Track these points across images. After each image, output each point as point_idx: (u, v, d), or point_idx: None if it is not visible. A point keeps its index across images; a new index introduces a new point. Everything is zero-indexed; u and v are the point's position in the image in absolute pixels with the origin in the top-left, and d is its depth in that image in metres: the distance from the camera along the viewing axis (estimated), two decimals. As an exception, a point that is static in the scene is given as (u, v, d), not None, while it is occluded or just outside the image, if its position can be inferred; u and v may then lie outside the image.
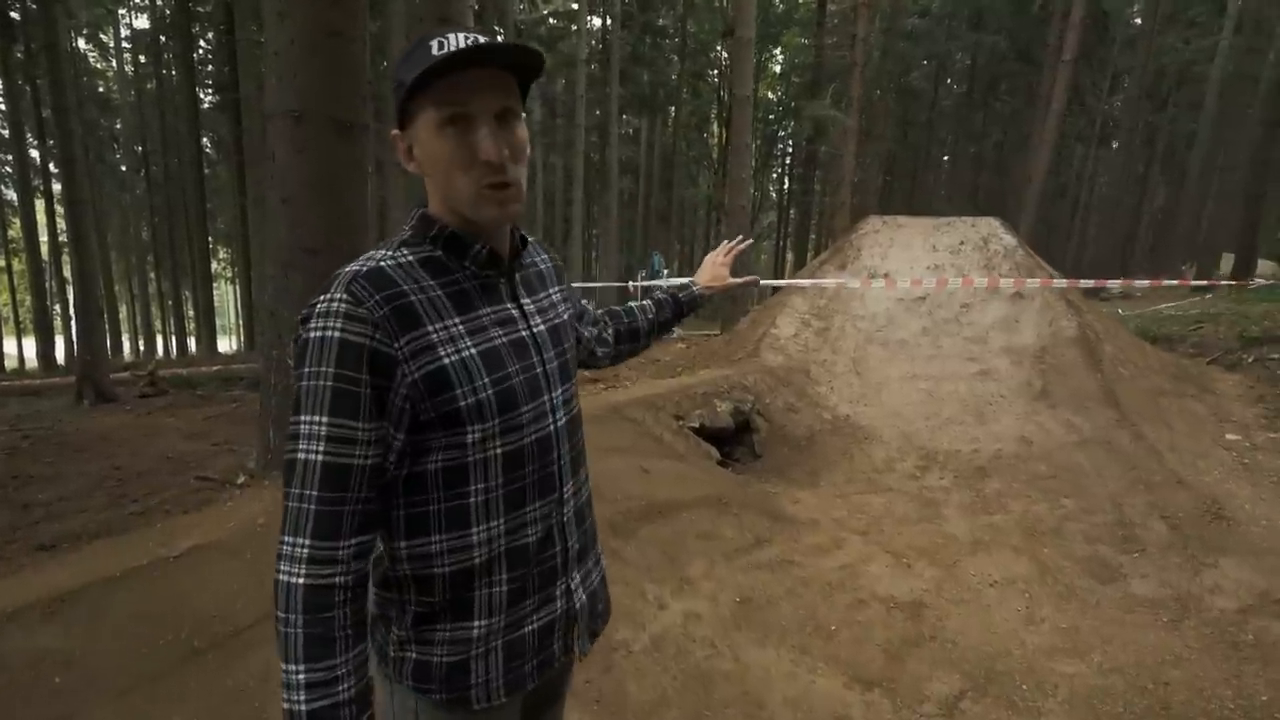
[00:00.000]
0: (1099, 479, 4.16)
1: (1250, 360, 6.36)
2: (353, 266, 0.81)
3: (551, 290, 1.02)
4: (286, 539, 0.77)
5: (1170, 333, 7.74)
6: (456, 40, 0.78)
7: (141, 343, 29.39)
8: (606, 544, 3.18)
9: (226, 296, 41.43)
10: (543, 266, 1.03)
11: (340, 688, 0.77)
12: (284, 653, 0.76)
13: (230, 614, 2.01)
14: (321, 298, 0.79)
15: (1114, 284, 6.83)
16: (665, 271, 18.31)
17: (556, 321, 0.98)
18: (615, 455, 3.89)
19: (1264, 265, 12.96)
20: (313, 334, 0.77)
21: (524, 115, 0.89)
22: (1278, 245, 11.75)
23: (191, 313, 25.57)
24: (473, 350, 0.83)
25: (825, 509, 4.11)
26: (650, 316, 1.35)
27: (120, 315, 29.73)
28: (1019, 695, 2.46)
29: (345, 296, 0.77)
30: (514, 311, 0.91)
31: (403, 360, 0.78)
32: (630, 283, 15.17)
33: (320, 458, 0.76)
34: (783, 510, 4.01)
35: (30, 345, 24.05)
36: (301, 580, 0.75)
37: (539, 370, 0.91)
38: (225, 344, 30.35)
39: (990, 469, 4.52)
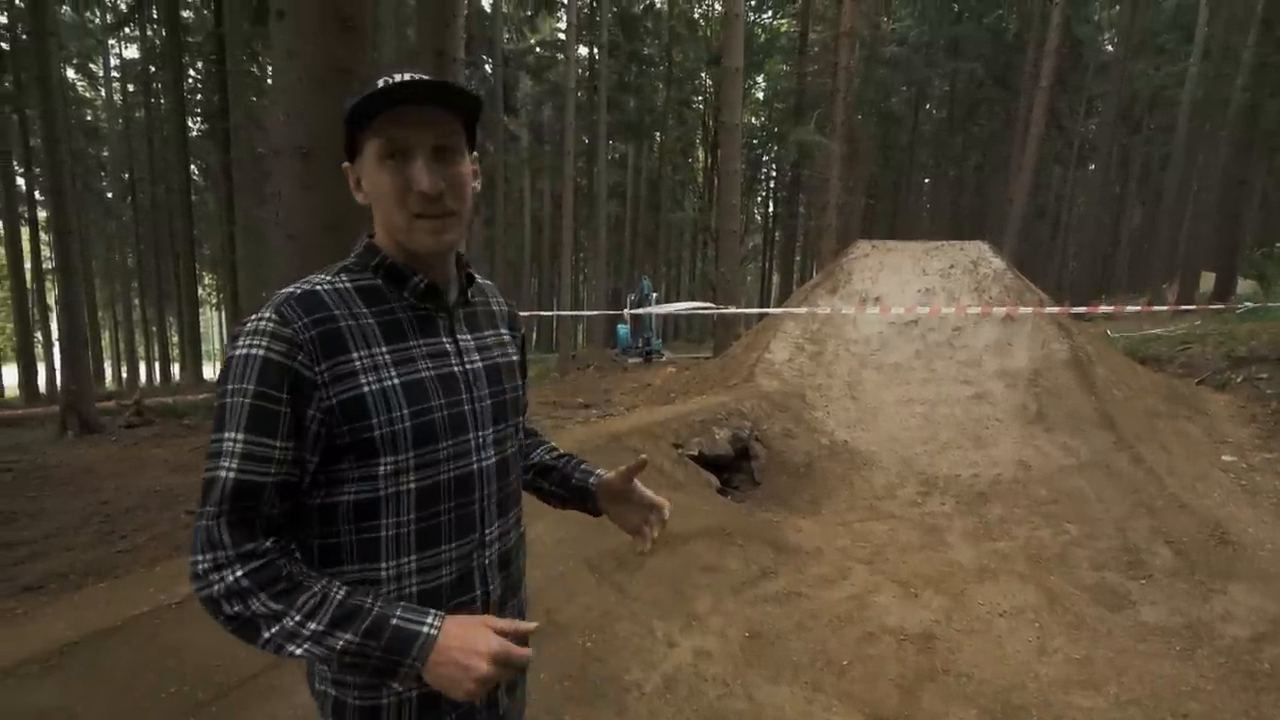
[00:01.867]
0: (1100, 503, 4.17)
1: (1239, 380, 6.44)
2: (288, 289, 0.82)
3: (501, 331, 1.01)
4: (203, 557, 0.75)
5: (1159, 353, 7.84)
6: (400, 79, 0.81)
7: (124, 369, 28.99)
8: (611, 578, 3.14)
9: (211, 322, 41.14)
10: (495, 308, 1.03)
11: (334, 591, 0.77)
12: (253, 623, 0.75)
13: (234, 663, 1.94)
14: (252, 317, 0.79)
15: (1105, 309, 6.92)
16: (654, 295, 18.41)
17: (498, 361, 0.97)
18: (618, 486, 3.85)
19: (1243, 285, 13.20)
20: (238, 351, 0.78)
21: (470, 154, 0.90)
22: (1258, 265, 11.98)
23: (176, 339, 25.29)
24: (395, 381, 0.83)
25: (828, 537, 4.08)
26: (544, 459, 1.18)
27: (102, 342, 29.35)
28: (1038, 731, 2.42)
29: (274, 316, 0.78)
30: (449, 346, 0.90)
31: (321, 385, 0.78)
32: (625, 310, 15.24)
33: (234, 475, 0.76)
34: (786, 540, 3.97)
35: (10, 373, 23.67)
36: (241, 572, 0.75)
37: (466, 407, 0.89)
38: (209, 370, 29.98)
39: (991, 494, 4.52)
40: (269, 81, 20.17)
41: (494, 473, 0.93)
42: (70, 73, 24.06)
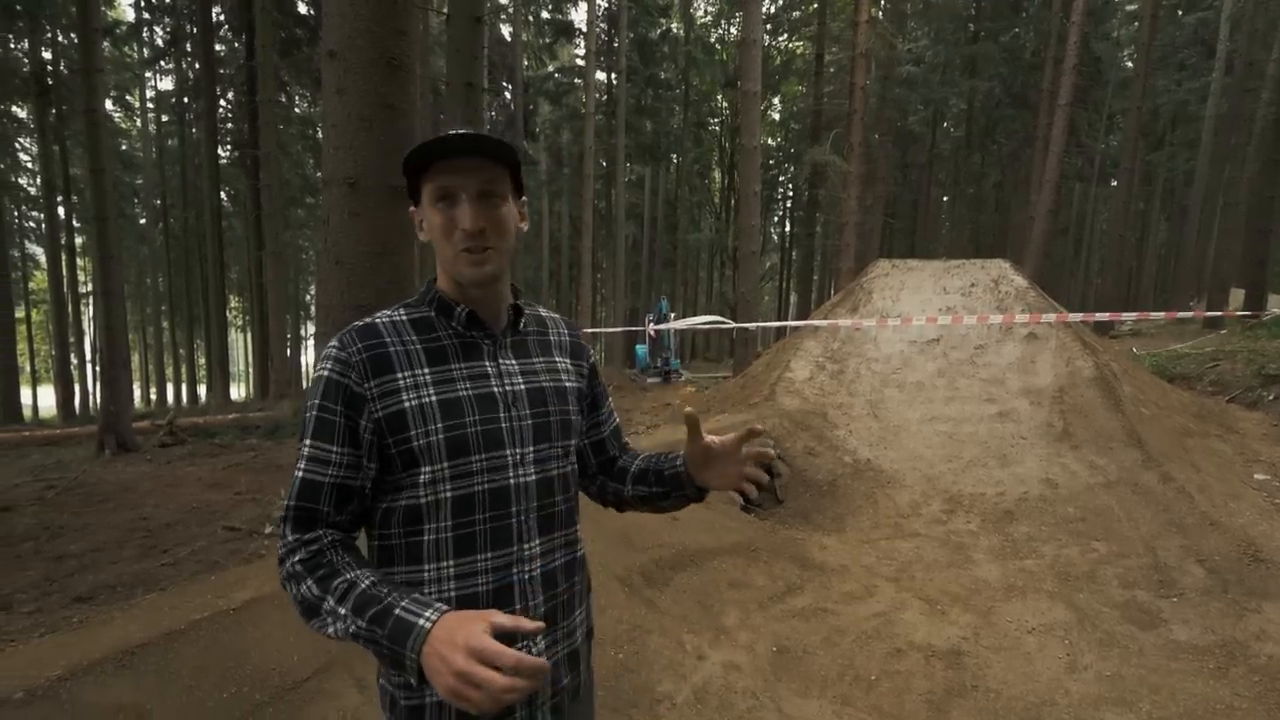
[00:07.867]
0: (1129, 522, 4.14)
1: (1271, 398, 6.36)
2: (357, 322, 0.98)
3: (557, 359, 1.08)
4: (280, 542, 0.91)
5: (1187, 371, 7.75)
6: (451, 134, 0.92)
7: (153, 391, 29.68)
8: (641, 593, 3.19)
9: (236, 344, 42.00)
10: (554, 338, 1.11)
11: (361, 580, 0.85)
12: (308, 605, 0.86)
13: (288, 667, 2.04)
14: (330, 344, 0.96)
15: (1130, 316, 6.87)
16: (672, 315, 18.54)
17: (544, 385, 1.03)
18: (645, 503, 3.91)
19: (1274, 300, 13.01)
20: (317, 373, 0.95)
21: (518, 199, 1.02)
22: (1287, 281, 11.82)
23: (203, 360, 25.89)
24: (433, 398, 0.94)
25: (854, 555, 4.10)
26: (637, 466, 1.18)
27: (132, 364, 30.10)
28: (1070, 747, 2.43)
29: (336, 343, 0.95)
30: (490, 369, 0.99)
31: (370, 399, 0.92)
32: (651, 326, 15.37)
33: (301, 474, 0.91)
34: (811, 557, 4.00)
35: (43, 394, 24.37)
36: (298, 558, 0.88)
37: (504, 425, 0.96)
38: (235, 391, 30.57)
39: (1017, 512, 4.51)
40: (295, 111, 20.84)
41: (534, 490, 0.98)
42: (108, 104, 25.04)
